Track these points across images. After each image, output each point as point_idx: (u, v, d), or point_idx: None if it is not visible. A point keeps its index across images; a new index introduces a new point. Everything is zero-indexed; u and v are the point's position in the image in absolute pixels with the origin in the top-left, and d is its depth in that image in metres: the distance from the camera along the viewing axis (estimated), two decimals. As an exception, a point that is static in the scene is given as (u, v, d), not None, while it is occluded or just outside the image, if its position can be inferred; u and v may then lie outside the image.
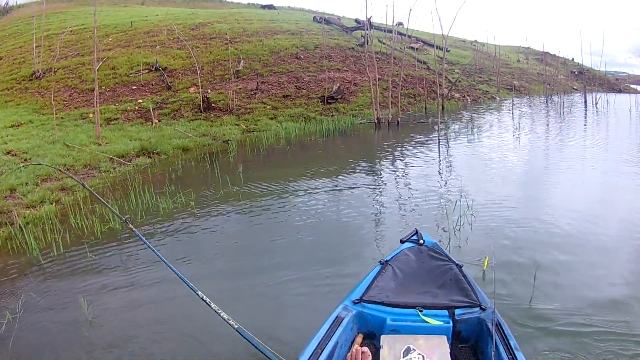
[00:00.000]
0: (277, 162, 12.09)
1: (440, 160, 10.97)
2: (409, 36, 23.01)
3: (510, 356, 2.74)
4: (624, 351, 4.01)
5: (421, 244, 3.87)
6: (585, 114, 20.14)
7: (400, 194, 8.43)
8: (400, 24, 22.60)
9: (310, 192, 8.81)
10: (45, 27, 23.83)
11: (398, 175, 9.95)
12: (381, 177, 10.06)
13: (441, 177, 9.58)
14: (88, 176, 10.98)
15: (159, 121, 16.21)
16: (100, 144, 13.18)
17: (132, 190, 9.08)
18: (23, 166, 4.72)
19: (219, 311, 2.64)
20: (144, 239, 2.92)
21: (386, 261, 3.71)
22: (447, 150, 11.85)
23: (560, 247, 6.03)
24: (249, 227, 7.47)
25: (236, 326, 2.78)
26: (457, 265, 3.63)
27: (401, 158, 11.69)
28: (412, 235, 3.98)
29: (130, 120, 16.38)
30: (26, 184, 9.77)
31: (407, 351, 2.79)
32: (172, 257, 6.08)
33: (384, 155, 11.94)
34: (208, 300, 2.60)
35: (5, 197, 9.19)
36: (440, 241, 4.50)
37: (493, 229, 6.57)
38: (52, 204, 9.07)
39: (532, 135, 14.70)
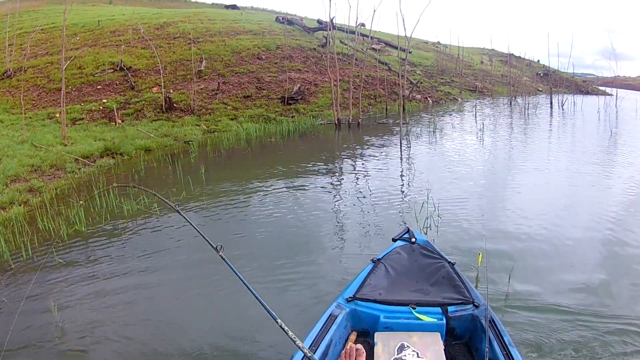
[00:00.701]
0: (238, 163, 12.09)
1: (402, 162, 11.02)
2: (371, 37, 23.03)
3: (504, 352, 2.71)
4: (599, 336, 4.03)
5: (413, 242, 3.83)
6: (551, 115, 20.09)
7: (363, 195, 8.41)
8: (362, 25, 22.50)
9: (270, 193, 8.84)
10: (18, 26, 23.40)
11: (360, 177, 9.97)
12: (343, 179, 10.11)
13: (403, 179, 9.61)
14: (54, 177, 10.90)
15: (122, 121, 16.13)
16: (66, 145, 13.11)
17: (96, 190, 9.12)
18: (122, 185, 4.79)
19: (295, 340, 2.49)
20: (234, 268, 2.86)
21: (378, 259, 3.66)
22: (409, 152, 11.83)
23: (530, 243, 6.18)
24: (210, 226, 7.47)
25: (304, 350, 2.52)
26: (449, 262, 3.61)
27: (362, 159, 11.72)
28: (404, 234, 3.95)
29: (94, 120, 16.27)
30: None
31: (402, 348, 2.77)
32: (133, 256, 6.45)
33: (345, 156, 11.92)
34: (286, 328, 2.52)
35: None
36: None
37: (461, 230, 6.57)
38: (20, 205, 9.05)
39: (495, 136, 14.77)
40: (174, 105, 17.19)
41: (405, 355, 2.71)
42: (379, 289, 3.35)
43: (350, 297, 3.28)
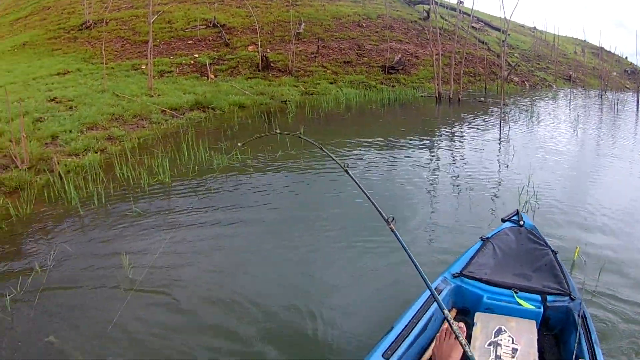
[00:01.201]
0: (337, 127, 11.70)
1: (500, 143, 10.31)
2: (471, 15, 23.21)
3: (590, 350, 2.68)
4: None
5: (521, 225, 3.88)
6: (637, 113, 18.94)
7: (462, 172, 7.99)
8: (461, 2, 22.70)
9: (368, 161, 8.46)
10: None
11: (459, 153, 9.41)
12: (441, 153, 9.45)
13: (502, 160, 8.92)
14: (137, 127, 10.73)
15: (215, 77, 16.03)
16: (152, 96, 12.93)
17: (184, 143, 8.77)
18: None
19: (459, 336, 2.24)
20: (402, 241, 2.63)
21: (487, 238, 3.72)
22: (507, 134, 11.14)
23: (625, 239, 5.62)
24: (305, 190, 7.22)
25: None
26: (552, 251, 3.61)
27: (462, 135, 11.17)
28: (513, 216, 3.99)
29: (184, 74, 16.20)
30: (70, 131, 9.51)
31: (499, 332, 2.81)
32: (216, 210, 6.29)
33: (444, 131, 11.53)
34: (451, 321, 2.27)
35: (46, 143, 8.91)
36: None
37: (556, 217, 6.12)
38: (96, 152, 8.80)
39: (588, 129, 13.74)
40: (271, 64, 17.19)
41: (501, 340, 2.76)
42: (485, 268, 3.40)
43: (456, 273, 3.35)
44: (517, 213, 4.01)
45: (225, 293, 4.35)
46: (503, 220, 4.02)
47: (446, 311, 2.36)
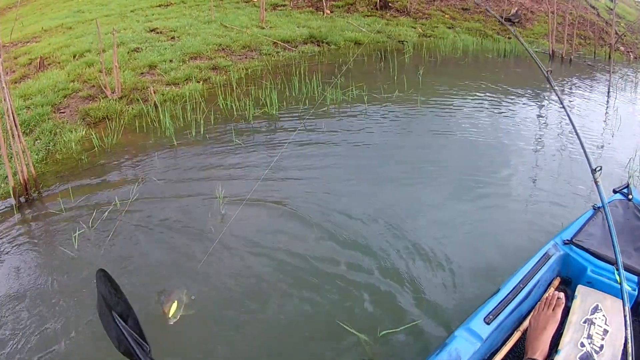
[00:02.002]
0: (453, 71, 11.46)
1: (607, 110, 9.65)
2: None
3: None
4: None
5: (630, 199, 3.87)
6: None
7: (569, 135, 7.50)
8: None
9: (488, 112, 8.16)
10: None
11: (566, 115, 8.53)
12: (550, 112, 9.11)
13: (608, 128, 8.33)
14: (246, 57, 10.40)
15: (331, 12, 15.91)
16: (264, 28, 12.62)
17: (295, 76, 8.54)
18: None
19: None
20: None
21: (599, 207, 3.70)
22: (615, 102, 10.35)
23: None
24: (421, 134, 6.94)
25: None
26: None
27: (572, 97, 10.61)
28: (624, 188, 3.98)
29: (299, 8, 16.08)
30: (170, 60, 9.35)
31: (595, 309, 2.80)
32: (328, 146, 6.22)
33: (558, 90, 10.58)
34: None
35: (142, 73, 8.75)
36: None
37: None
38: (199, 82, 8.54)
39: None
40: (389, 4, 17.37)
41: (595, 318, 2.74)
42: (593, 239, 3.38)
43: (567, 240, 3.34)
44: (628, 186, 4.00)
45: (325, 232, 4.32)
46: (614, 192, 3.99)
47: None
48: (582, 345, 2.61)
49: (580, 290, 2.96)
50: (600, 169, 2.74)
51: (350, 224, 4.45)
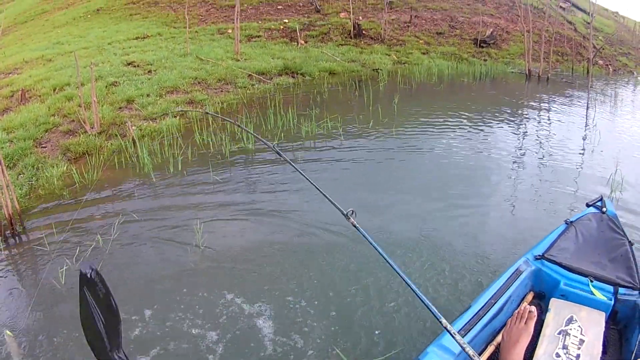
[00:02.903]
0: (429, 98, 11.80)
1: (586, 127, 9.94)
2: None
3: None
4: None
5: (603, 212, 4.02)
6: None
7: (547, 153, 8.00)
8: None
9: (457, 134, 8.55)
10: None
11: (545, 134, 9.40)
12: (528, 133, 9.41)
13: (588, 146, 8.62)
14: (222, 91, 10.71)
15: (306, 42, 16.27)
16: (239, 60, 12.94)
17: (271, 109, 8.81)
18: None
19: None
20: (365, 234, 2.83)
21: (571, 222, 3.86)
22: (594, 118, 10.68)
23: None
24: (399, 157, 7.38)
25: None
26: (629, 242, 3.70)
27: (549, 116, 11.01)
28: (597, 201, 4.14)
29: (273, 39, 16.35)
30: (147, 95, 9.59)
31: (570, 320, 2.94)
32: (304, 180, 5.98)
33: (532, 109, 11.59)
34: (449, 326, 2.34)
35: (120, 108, 9.00)
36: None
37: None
38: (175, 117, 8.80)
39: None
40: (363, 32, 17.72)
41: (570, 329, 2.88)
42: (566, 253, 3.54)
43: (539, 255, 3.48)
44: (601, 199, 4.15)
45: (300, 277, 4.33)
46: (587, 205, 4.16)
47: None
48: (558, 355, 2.73)
49: (554, 303, 3.12)
50: (353, 212, 2.82)
51: (326, 249, 4.67)
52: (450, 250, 4.70)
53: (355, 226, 2.83)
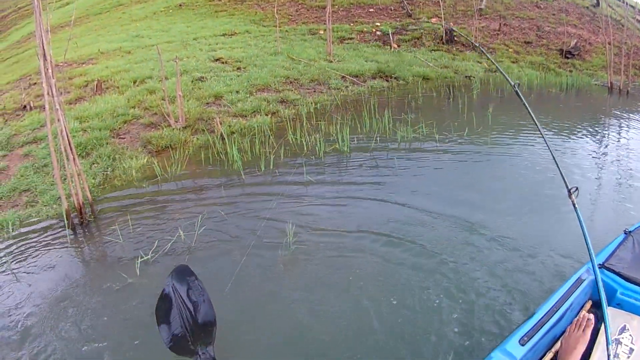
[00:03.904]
0: (522, 109, 11.08)
1: None
2: (635, 8, 23.08)
3: None
4: None
5: None
6: None
7: (622, 165, 7.74)
8: None
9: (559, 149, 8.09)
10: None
11: (624, 145, 9.22)
12: (608, 145, 9.14)
13: None
14: (315, 91, 10.44)
15: (399, 46, 16.22)
16: (331, 61, 12.72)
17: (366, 112, 8.54)
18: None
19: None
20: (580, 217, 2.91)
21: (630, 232, 3.87)
22: None
23: None
24: (493, 173, 7.01)
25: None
26: None
27: (629, 129, 10.77)
28: None
29: (366, 41, 16.28)
30: (237, 92, 9.38)
31: (622, 329, 2.99)
32: (403, 188, 6.13)
33: (615, 121, 11.51)
34: None
35: (207, 103, 8.80)
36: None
37: None
38: (267, 115, 8.56)
39: None
40: (455, 38, 17.74)
41: (622, 338, 2.93)
42: (624, 262, 3.56)
43: (599, 264, 3.47)
44: None
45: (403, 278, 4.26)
46: None
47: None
48: None
49: (609, 312, 3.05)
50: (577, 190, 2.96)
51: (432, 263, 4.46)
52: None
53: (574, 205, 2.91)
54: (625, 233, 3.87)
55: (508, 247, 4.80)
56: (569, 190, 3.00)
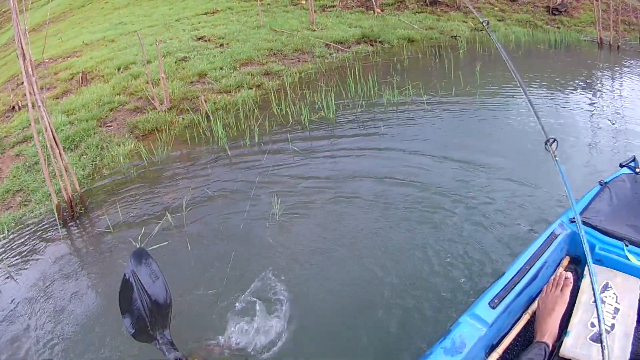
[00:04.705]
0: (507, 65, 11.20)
1: None
2: None
3: None
4: None
5: (637, 173, 3.95)
6: None
7: (611, 116, 7.69)
8: None
9: (536, 101, 8.15)
10: None
11: (614, 100, 9.05)
12: (599, 98, 9.05)
13: None
14: (299, 61, 10.42)
15: (382, 11, 16.24)
16: (315, 30, 12.66)
17: (351, 77, 8.50)
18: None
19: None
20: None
21: (605, 183, 3.81)
22: None
23: None
24: (482, 127, 6.95)
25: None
26: None
27: (620, 84, 10.68)
28: (630, 162, 4.07)
29: (348, 8, 16.28)
30: (221, 68, 9.39)
31: (605, 287, 2.88)
32: (392, 152, 6.04)
33: (605, 77, 11.46)
34: None
35: (191, 82, 8.80)
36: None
37: None
38: (251, 88, 8.55)
39: None
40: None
41: (606, 297, 2.81)
42: (600, 215, 3.45)
43: (573, 218, 3.37)
44: (634, 160, 4.08)
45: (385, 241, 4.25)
46: (620, 165, 4.09)
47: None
48: (593, 325, 2.67)
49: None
50: (555, 141, 2.78)
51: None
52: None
53: (553, 155, 2.77)
54: (600, 184, 3.81)
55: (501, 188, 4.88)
56: (546, 142, 2.81)
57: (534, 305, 2.85)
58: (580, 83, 9.89)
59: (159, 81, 7.87)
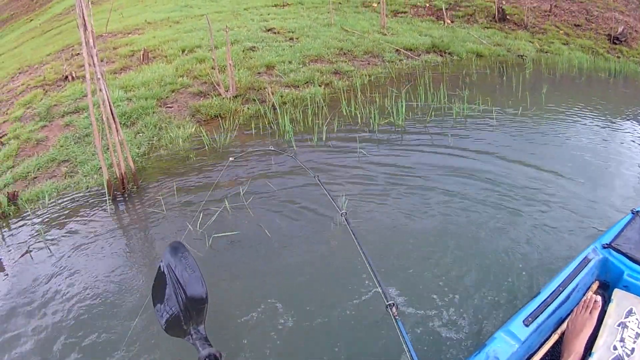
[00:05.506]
0: (574, 91, 11.24)
1: None
2: None
3: None
4: None
5: None
6: None
7: None
8: None
9: (590, 128, 7.91)
10: None
11: None
12: None
13: None
14: (369, 63, 10.15)
15: (452, 22, 16.13)
16: (385, 34, 12.46)
17: (421, 86, 8.25)
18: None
19: None
20: None
21: (637, 212, 3.79)
22: None
23: None
24: (546, 149, 6.67)
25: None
26: None
27: None
28: None
29: (419, 15, 16.12)
30: (289, 62, 9.14)
31: (629, 313, 2.89)
32: (461, 164, 5.82)
33: None
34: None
35: (259, 73, 8.54)
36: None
37: None
38: (320, 86, 8.30)
39: None
40: (507, 17, 17.74)
41: (629, 322, 2.84)
42: (631, 243, 3.48)
43: (606, 244, 3.43)
44: None
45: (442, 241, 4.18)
46: None
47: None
48: (615, 348, 2.70)
49: (617, 293, 3.09)
50: (394, 305, 2.70)
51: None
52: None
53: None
54: (632, 213, 3.80)
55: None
56: (387, 306, 2.71)
57: (563, 326, 2.93)
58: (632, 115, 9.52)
59: (225, 68, 7.64)
